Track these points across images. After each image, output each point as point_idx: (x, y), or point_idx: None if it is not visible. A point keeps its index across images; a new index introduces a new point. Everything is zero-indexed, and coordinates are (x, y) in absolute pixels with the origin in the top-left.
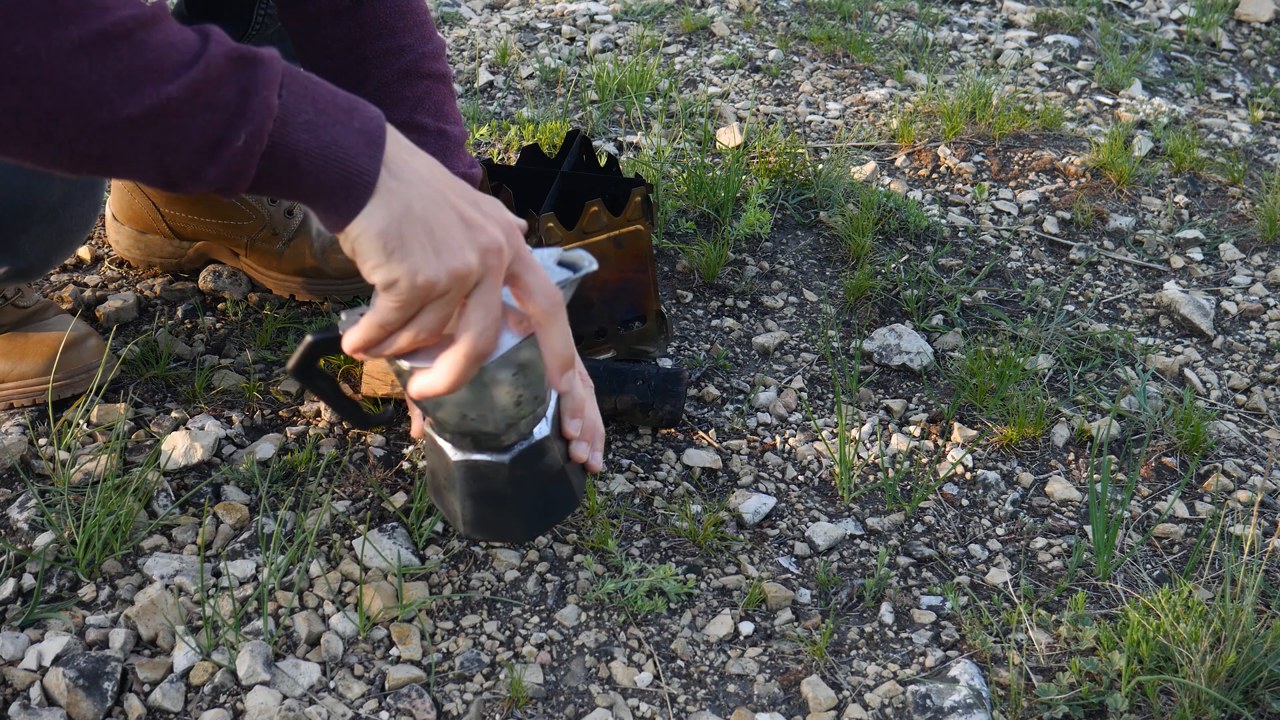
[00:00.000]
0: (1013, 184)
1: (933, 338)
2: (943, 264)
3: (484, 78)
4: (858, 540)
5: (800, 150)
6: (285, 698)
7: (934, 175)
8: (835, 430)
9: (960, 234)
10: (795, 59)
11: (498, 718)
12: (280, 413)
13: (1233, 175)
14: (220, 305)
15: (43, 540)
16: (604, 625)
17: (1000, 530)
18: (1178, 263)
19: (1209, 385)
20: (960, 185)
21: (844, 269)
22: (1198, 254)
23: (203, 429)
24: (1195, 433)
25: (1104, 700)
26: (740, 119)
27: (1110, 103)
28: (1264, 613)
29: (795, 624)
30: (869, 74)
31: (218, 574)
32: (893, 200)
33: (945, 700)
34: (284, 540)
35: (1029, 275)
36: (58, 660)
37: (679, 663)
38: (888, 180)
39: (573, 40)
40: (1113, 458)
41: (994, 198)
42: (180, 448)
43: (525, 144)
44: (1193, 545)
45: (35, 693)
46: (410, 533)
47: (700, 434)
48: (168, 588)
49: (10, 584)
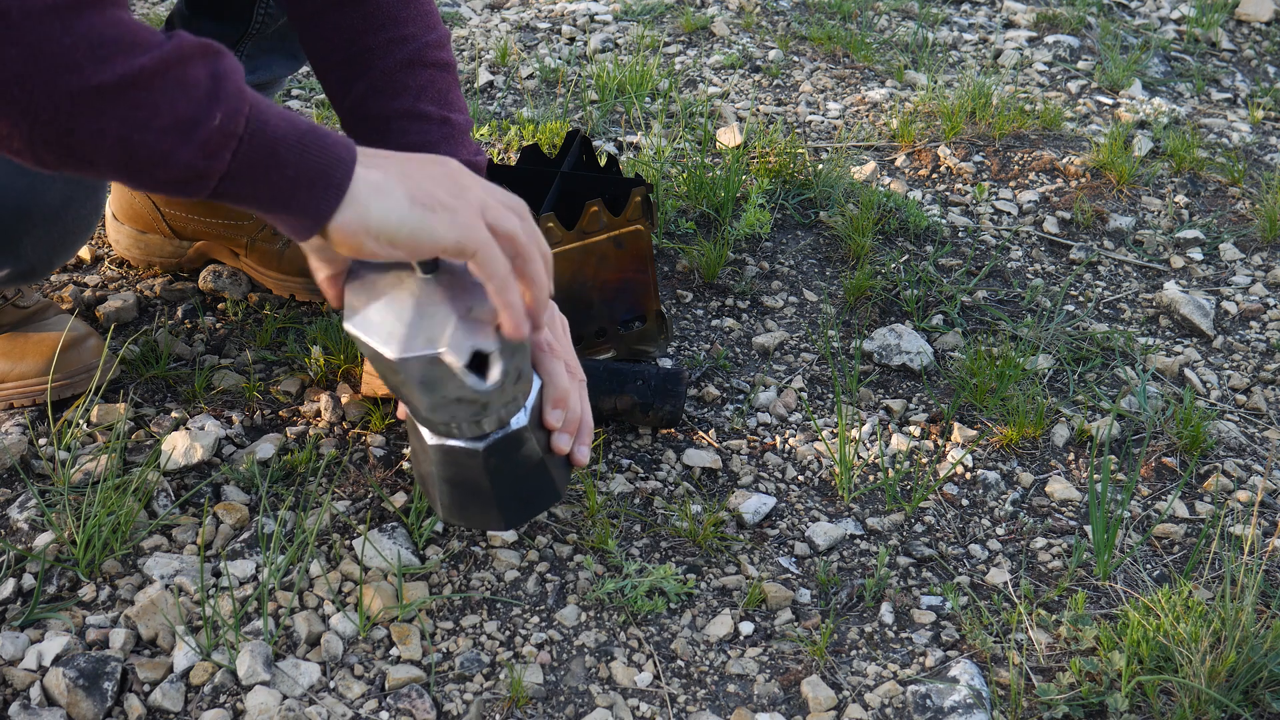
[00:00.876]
0: (1013, 184)
1: (933, 338)
2: (943, 264)
3: (484, 78)
4: (858, 540)
5: (800, 150)
6: (285, 698)
7: (934, 175)
8: (835, 430)
9: (960, 234)
10: (795, 59)
11: (498, 718)
12: (280, 413)
13: (1233, 175)
14: (220, 305)
15: (43, 540)
16: (604, 625)
17: (1000, 530)
18: (1178, 263)
19: (1209, 385)
20: (960, 185)
21: (844, 269)
22: (1198, 254)
23: (203, 429)
24: (1195, 433)
25: (1104, 700)
26: (740, 119)
27: (1110, 103)
28: (1264, 613)
29: (795, 624)
30: (869, 74)
31: (218, 574)
32: (893, 200)
33: (945, 700)
34: (284, 540)
35: (1029, 275)
36: (58, 660)
37: (679, 663)
38: (888, 180)
39: (573, 40)
40: (1113, 458)
41: (994, 198)
42: (180, 448)
43: (525, 144)
44: (1193, 545)
45: (35, 693)
46: (410, 533)
47: (700, 434)
48: (168, 588)
49: (10, 584)
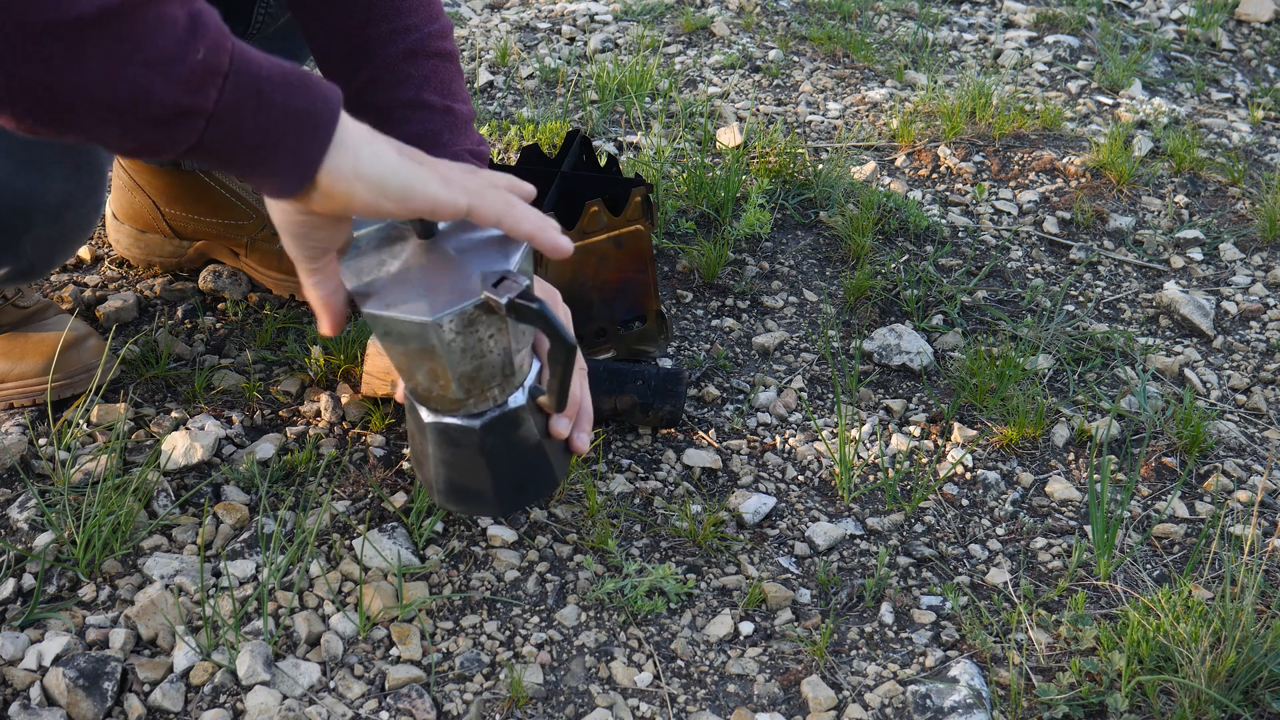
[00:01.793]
0: (1013, 184)
1: (933, 338)
2: (943, 264)
3: (484, 78)
4: (858, 540)
5: (800, 150)
6: (285, 698)
7: (934, 175)
8: (835, 430)
9: (960, 234)
10: (795, 59)
11: (498, 718)
12: (280, 413)
13: (1233, 175)
14: (220, 305)
15: (43, 540)
16: (604, 625)
17: (1000, 530)
18: (1178, 263)
19: (1209, 385)
20: (960, 185)
21: (844, 269)
22: (1198, 254)
23: (203, 429)
24: (1195, 433)
25: (1104, 700)
26: (740, 119)
27: (1110, 103)
28: (1264, 613)
29: (795, 624)
30: (869, 74)
31: (218, 574)
32: (893, 200)
33: (945, 700)
34: (284, 540)
35: (1029, 275)
36: (58, 660)
37: (679, 663)
38: (888, 180)
39: (573, 40)
40: (1113, 458)
41: (994, 198)
42: (180, 448)
43: (525, 144)
44: (1193, 545)
45: (35, 693)
46: (410, 533)
47: (700, 434)
48: (168, 588)
49: (10, 584)
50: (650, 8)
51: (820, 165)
